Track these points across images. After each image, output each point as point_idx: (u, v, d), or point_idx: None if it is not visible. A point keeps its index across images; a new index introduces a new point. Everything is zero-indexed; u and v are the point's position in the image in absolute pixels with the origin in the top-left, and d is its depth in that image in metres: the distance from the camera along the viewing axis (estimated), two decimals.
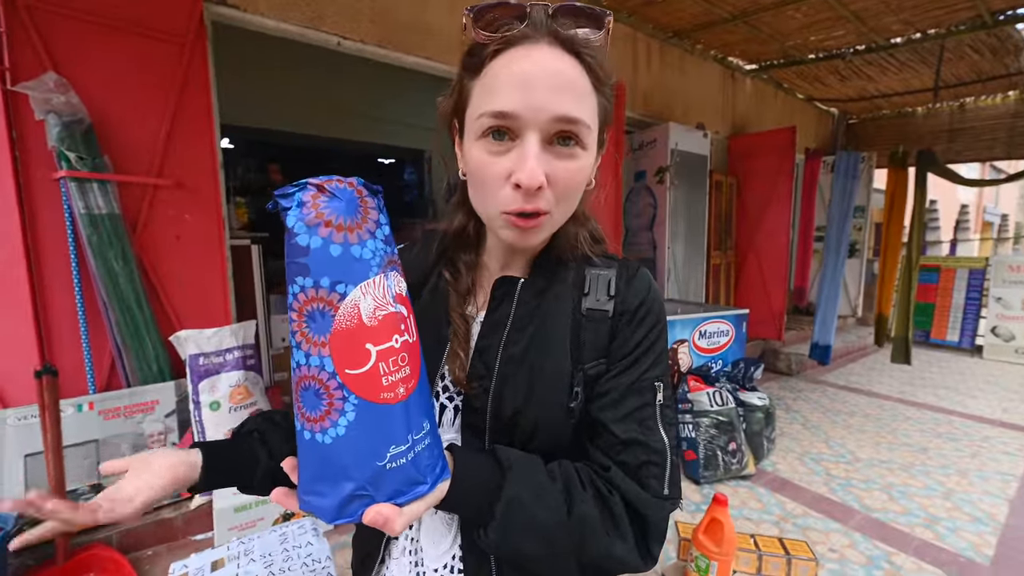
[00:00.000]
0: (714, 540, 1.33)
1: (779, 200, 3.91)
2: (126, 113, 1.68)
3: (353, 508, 0.36)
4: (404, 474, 0.36)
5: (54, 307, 1.62)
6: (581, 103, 0.42)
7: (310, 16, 2.07)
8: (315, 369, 0.34)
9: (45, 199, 1.57)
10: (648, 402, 0.49)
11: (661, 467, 0.48)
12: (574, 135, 0.43)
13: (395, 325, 0.36)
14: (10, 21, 1.46)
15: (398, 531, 0.36)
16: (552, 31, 0.42)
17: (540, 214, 0.44)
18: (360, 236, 0.35)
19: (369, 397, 0.35)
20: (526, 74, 0.41)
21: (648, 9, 3.12)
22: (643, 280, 0.53)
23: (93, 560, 1.51)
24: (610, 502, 0.46)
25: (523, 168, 0.41)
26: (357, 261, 0.35)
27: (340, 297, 0.34)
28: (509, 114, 0.41)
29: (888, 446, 2.69)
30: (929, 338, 5.32)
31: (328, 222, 0.34)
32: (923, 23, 3.29)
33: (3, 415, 1.51)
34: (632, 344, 0.50)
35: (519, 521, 0.42)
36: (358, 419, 0.35)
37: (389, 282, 0.37)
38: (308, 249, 0.33)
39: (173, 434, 1.78)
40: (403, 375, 0.36)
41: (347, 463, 0.35)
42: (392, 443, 0.35)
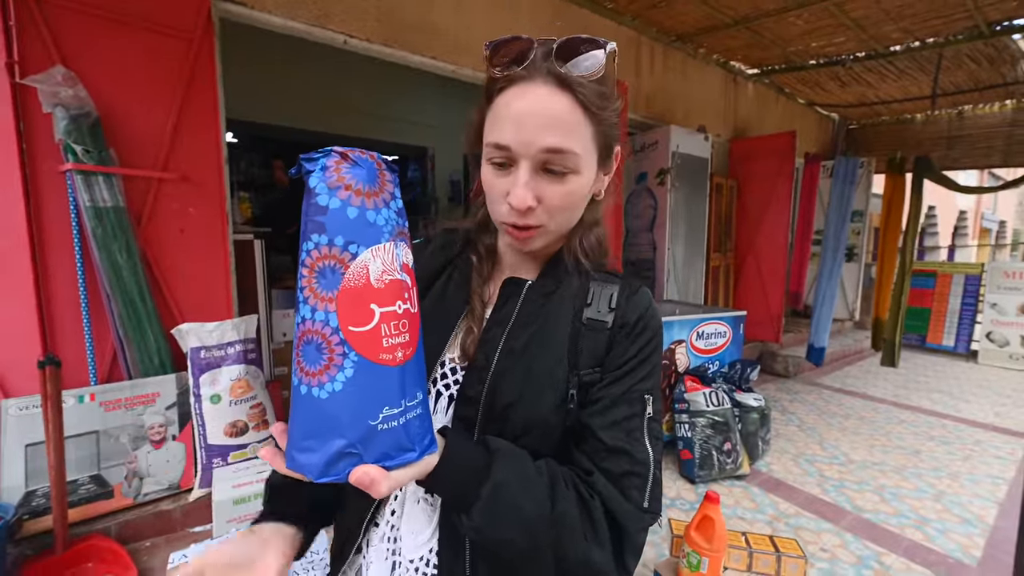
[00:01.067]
0: (705, 537, 1.35)
1: (778, 203, 3.93)
2: (133, 107, 1.69)
3: (341, 467, 0.36)
4: (394, 438, 0.37)
5: (58, 298, 1.64)
6: (569, 135, 0.47)
7: (317, 14, 2.08)
8: (319, 324, 0.36)
9: (51, 191, 1.59)
10: (636, 413, 0.51)
11: (643, 479, 0.49)
12: (562, 165, 0.48)
13: (399, 291, 0.38)
14: (20, 14, 1.47)
15: (383, 493, 0.36)
16: (549, 70, 0.46)
17: (532, 227, 0.50)
18: (376, 203, 0.37)
19: (369, 356, 0.36)
20: (519, 112, 0.47)
21: (652, 13, 3.15)
22: (644, 298, 0.56)
23: (92, 550, 1.52)
24: (590, 506, 0.47)
25: (515, 195, 0.48)
26: (371, 226, 0.37)
27: (352, 257, 0.36)
28: (504, 147, 0.48)
29: (882, 448, 2.71)
30: (925, 343, 5.36)
31: (348, 186, 0.36)
32: (922, 32, 3.32)
33: (5, 404, 1.52)
34: (627, 356, 0.52)
35: (504, 506, 0.43)
36: (356, 376, 0.36)
37: (398, 251, 0.39)
38: (327, 209, 0.36)
39: (174, 426, 1.79)
40: (402, 340, 0.38)
41: (341, 419, 0.35)
42: (386, 404, 0.36)
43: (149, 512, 1.70)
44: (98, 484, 1.65)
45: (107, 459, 1.67)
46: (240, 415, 1.86)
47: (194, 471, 1.82)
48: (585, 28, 3.03)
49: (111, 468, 1.68)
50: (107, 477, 1.67)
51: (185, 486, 1.80)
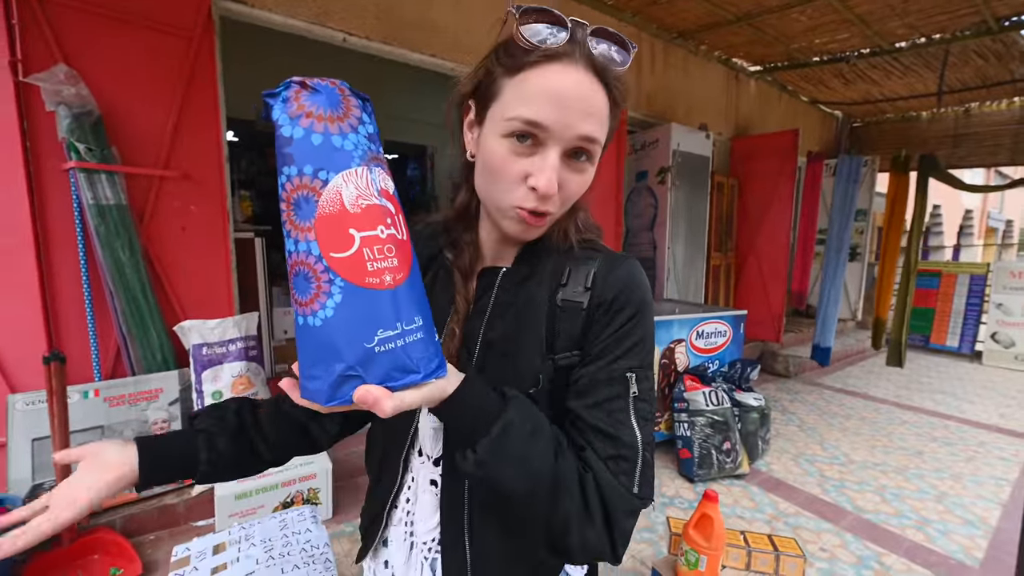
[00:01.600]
0: (704, 535, 1.35)
1: (780, 202, 3.91)
2: (134, 105, 1.71)
3: (345, 390, 0.36)
4: (395, 359, 0.37)
5: (62, 295, 1.66)
6: (601, 126, 0.47)
7: (316, 12, 2.09)
8: (303, 254, 0.36)
9: (54, 189, 1.60)
10: (619, 394, 0.48)
11: (632, 462, 0.47)
12: (588, 151, 0.47)
13: (380, 216, 0.38)
14: (23, 13, 1.49)
15: (388, 412, 0.36)
16: (589, 55, 0.45)
17: (547, 214, 0.49)
18: (341, 128, 0.37)
19: (354, 280, 0.36)
20: (563, 93, 0.44)
21: (653, 9, 3.13)
22: (624, 272, 0.52)
23: (97, 543, 1.54)
24: (584, 479, 0.46)
25: (543, 176, 0.45)
26: (338, 151, 0.37)
27: (323, 184, 0.36)
28: (541, 125, 0.45)
29: (883, 449, 2.71)
30: (928, 343, 5.32)
31: (309, 113, 0.36)
32: (928, 28, 3.29)
33: (12, 399, 1.54)
34: (605, 335, 0.50)
35: (511, 447, 0.43)
36: (345, 301, 0.36)
37: (373, 176, 0.38)
38: (291, 139, 0.36)
39: (176, 422, 1.81)
40: (390, 265, 0.38)
41: (336, 344, 0.36)
42: (380, 327, 0.37)
43: (153, 506, 1.72)
44: None
45: None
46: None
47: None
48: None
49: None
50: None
51: (188, 481, 1.82)
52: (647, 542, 1.78)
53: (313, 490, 1.80)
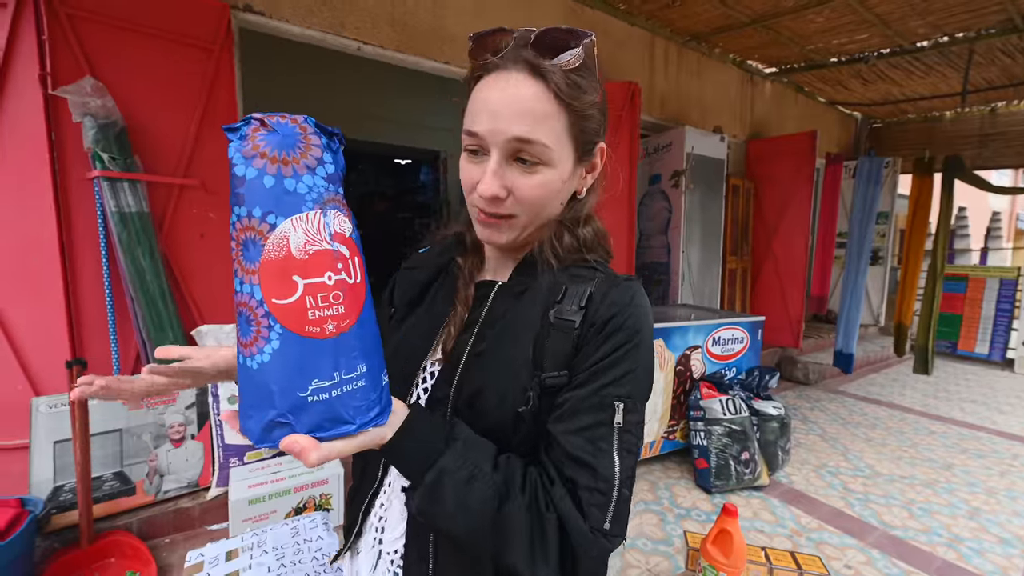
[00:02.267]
0: (723, 551, 1.31)
1: (798, 205, 3.83)
2: (157, 116, 1.75)
3: (275, 435, 0.37)
4: (328, 410, 0.37)
5: (85, 301, 1.70)
6: (539, 125, 0.46)
7: (331, 22, 2.12)
8: (246, 296, 0.36)
9: (79, 198, 1.65)
10: (603, 421, 0.46)
11: (606, 496, 0.44)
12: (531, 154, 0.47)
13: (328, 262, 0.37)
14: (52, 29, 1.54)
15: (312, 463, 0.37)
16: (523, 59, 0.46)
17: (502, 216, 0.50)
18: (296, 170, 0.36)
19: (294, 328, 0.36)
20: (490, 101, 0.47)
21: (665, 13, 3.11)
22: (622, 295, 0.50)
23: (114, 545, 1.57)
24: (544, 519, 0.44)
25: (483, 182, 0.48)
26: (289, 194, 0.36)
27: (270, 228, 0.35)
28: (475, 134, 0.48)
29: (910, 461, 2.60)
30: (956, 350, 5.14)
31: (263, 154, 0.35)
32: (951, 26, 3.20)
33: (36, 403, 1.58)
34: (595, 358, 0.47)
35: (445, 495, 0.43)
36: (282, 348, 0.36)
37: (327, 219, 0.37)
38: (244, 179, 0.35)
39: (192, 426, 1.84)
40: (334, 313, 0.37)
41: (270, 389, 0.36)
42: (315, 376, 0.36)
43: (169, 509, 1.74)
44: (121, 481, 1.70)
45: (130, 456, 1.72)
46: None
47: (211, 470, 1.85)
48: (599, 30, 3.00)
49: (133, 465, 1.72)
50: (130, 474, 1.72)
51: (203, 484, 1.84)
52: (663, 555, 1.73)
53: (325, 496, 1.80)
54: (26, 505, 1.45)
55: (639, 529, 1.90)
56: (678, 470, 2.41)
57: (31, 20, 1.51)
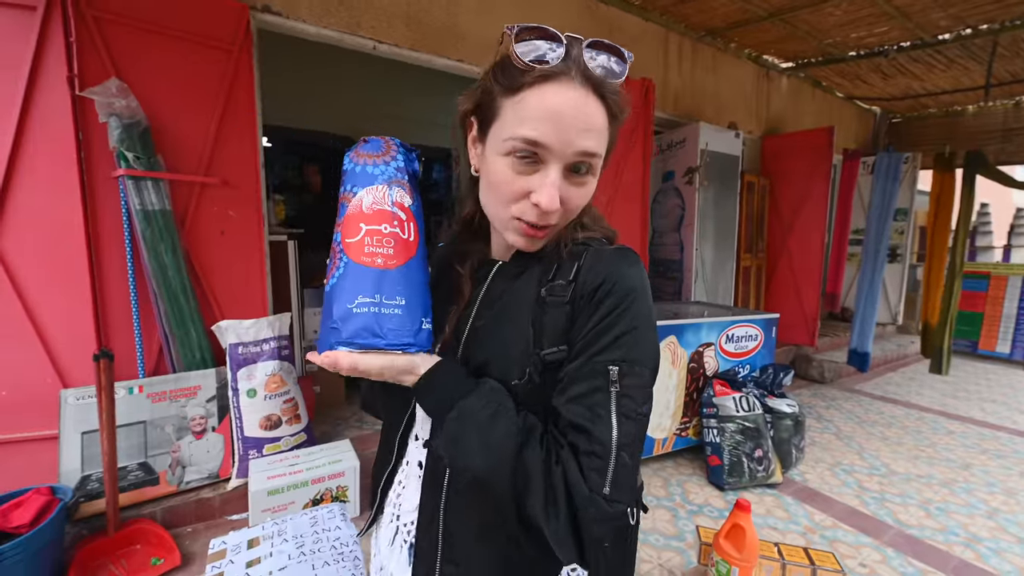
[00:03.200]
0: (736, 546, 1.32)
1: (814, 202, 3.78)
2: (179, 115, 1.79)
3: (328, 340, 0.48)
4: (365, 322, 0.47)
5: (110, 296, 1.75)
6: (600, 140, 0.48)
7: (347, 22, 2.15)
8: (335, 242, 0.51)
9: (105, 196, 1.70)
10: (598, 387, 0.46)
11: (603, 460, 0.44)
12: (588, 165, 0.49)
13: (387, 218, 0.51)
14: (80, 32, 1.58)
15: (345, 368, 0.46)
16: (585, 71, 0.46)
17: (548, 227, 0.51)
18: (375, 162, 0.54)
19: (354, 258, 0.49)
20: (560, 112, 0.45)
21: (681, 7, 3.08)
22: (610, 261, 0.50)
23: (139, 533, 1.62)
24: (552, 472, 0.45)
25: (545, 193, 0.47)
26: (368, 175, 0.53)
27: (353, 195, 0.52)
28: (541, 143, 0.46)
29: (927, 460, 2.57)
30: (977, 349, 5.02)
31: (359, 154, 0.54)
32: (974, 18, 3.12)
33: (65, 394, 1.63)
34: (588, 327, 0.48)
35: (469, 429, 0.46)
36: (344, 273, 0.49)
37: (391, 192, 0.52)
38: (346, 171, 0.54)
39: (213, 419, 1.89)
40: (384, 252, 0.49)
41: (332, 304, 0.48)
42: (360, 293, 0.48)
43: (191, 499, 1.79)
44: (145, 471, 1.75)
45: (154, 448, 1.77)
46: (274, 409, 1.93)
47: (232, 461, 1.90)
48: (613, 26, 2.99)
49: (157, 456, 1.78)
50: (153, 464, 1.77)
51: (224, 475, 1.89)
52: (675, 551, 1.74)
53: (342, 488, 1.84)
54: (56, 493, 1.51)
55: (651, 524, 1.90)
56: (690, 467, 2.40)
57: (59, 23, 1.55)
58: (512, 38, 0.45)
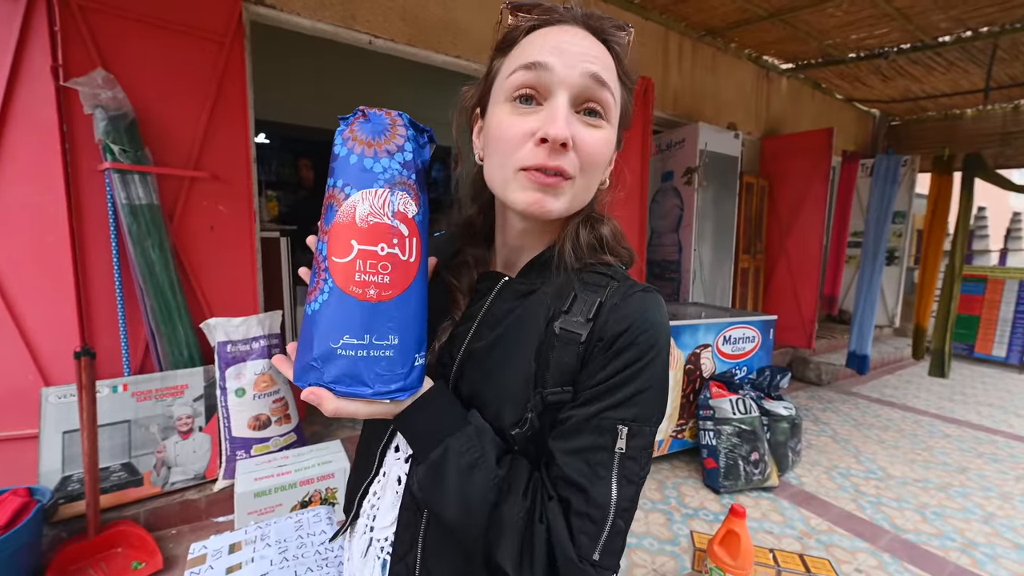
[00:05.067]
0: (730, 553, 1.29)
1: (813, 204, 3.76)
2: (167, 108, 1.75)
3: (307, 377, 0.40)
4: (352, 367, 0.40)
5: (95, 292, 1.71)
6: (610, 76, 0.44)
7: (343, 15, 2.11)
8: (318, 252, 0.42)
9: (90, 189, 1.66)
10: (603, 445, 0.42)
11: (598, 525, 0.41)
12: (601, 105, 0.44)
13: (385, 235, 0.41)
14: (64, 21, 1.54)
15: (329, 412, 0.39)
16: (584, 17, 0.45)
17: (562, 175, 0.43)
18: (376, 152, 0.41)
19: (341, 285, 0.40)
20: (561, 41, 0.43)
21: (681, 7, 3.06)
22: (636, 307, 0.45)
23: (121, 536, 1.58)
24: (535, 530, 0.42)
25: (552, 123, 0.41)
26: (365, 171, 0.41)
27: (345, 197, 0.41)
28: (543, 64, 0.42)
29: (923, 464, 2.55)
30: (973, 352, 5.03)
31: (354, 137, 0.41)
32: (974, 20, 3.11)
33: (46, 393, 1.59)
34: (602, 376, 0.44)
35: (446, 477, 0.42)
36: (328, 300, 0.40)
37: (393, 198, 0.41)
38: (337, 156, 0.42)
39: (200, 418, 1.85)
40: (379, 281, 0.40)
41: (313, 335, 0.40)
42: (346, 332, 0.39)
43: (176, 501, 1.75)
44: (129, 472, 1.71)
45: (138, 448, 1.73)
46: (263, 409, 1.90)
47: (219, 462, 1.86)
48: None
49: (141, 457, 1.74)
50: (137, 465, 1.73)
51: (210, 476, 1.85)
52: (669, 555, 1.71)
53: (331, 490, 1.80)
54: (34, 494, 1.47)
55: (646, 528, 1.88)
56: (686, 469, 2.38)
57: (43, 12, 1.51)
58: (509, 8, 0.46)
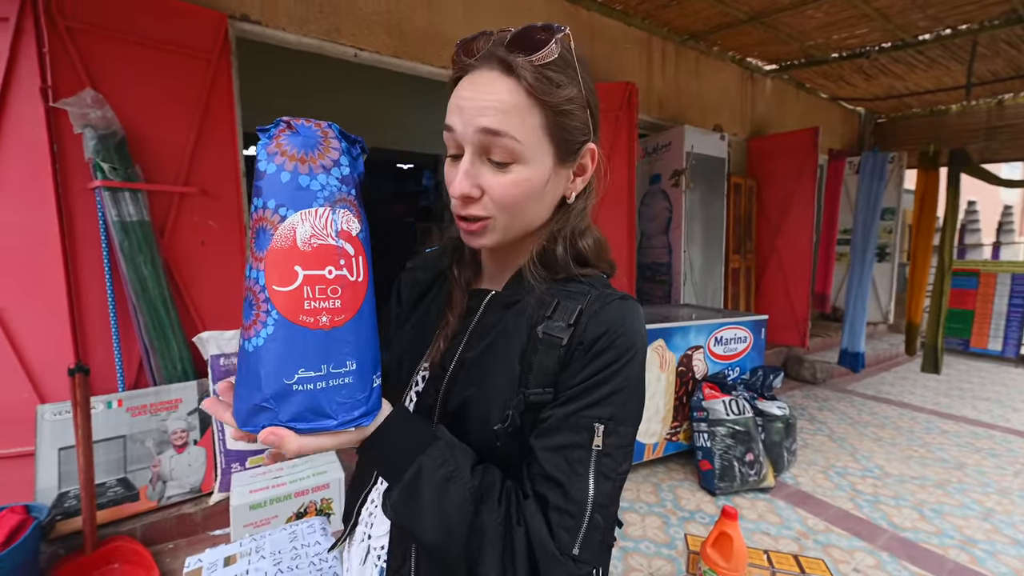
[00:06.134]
0: (723, 555, 1.30)
1: (801, 202, 3.80)
2: (156, 125, 1.77)
3: (258, 420, 0.37)
4: (311, 401, 0.37)
5: (88, 309, 1.72)
6: (507, 118, 0.45)
7: (327, 29, 2.14)
8: (252, 281, 0.38)
9: (81, 207, 1.67)
10: (580, 443, 0.44)
11: (575, 520, 0.43)
12: (503, 150, 0.46)
13: (331, 257, 0.38)
14: (53, 42, 1.57)
15: (292, 452, 0.37)
16: (496, 57, 0.46)
17: (479, 220, 0.48)
18: (312, 169, 0.38)
19: (289, 316, 0.37)
20: (462, 98, 0.46)
21: (663, 12, 3.11)
22: (614, 312, 0.48)
23: (118, 552, 1.58)
24: (514, 533, 0.43)
25: (455, 181, 0.47)
26: (302, 190, 0.38)
27: (281, 219, 0.37)
28: (449, 127, 0.47)
29: (920, 461, 2.55)
30: (968, 347, 5.04)
31: (283, 152, 0.38)
32: (953, 19, 3.16)
33: (41, 410, 1.60)
34: (580, 377, 0.46)
35: (420, 494, 0.42)
36: (275, 334, 0.37)
37: (335, 217, 0.39)
38: (264, 174, 0.38)
39: (195, 432, 1.85)
40: (330, 306, 0.38)
41: (260, 373, 0.37)
42: (302, 366, 0.37)
43: (172, 515, 1.75)
44: (125, 487, 1.71)
45: (133, 463, 1.73)
46: None
47: (214, 475, 1.86)
48: (595, 30, 3.01)
49: (137, 471, 1.74)
50: (133, 480, 1.73)
51: (206, 490, 1.85)
52: (666, 559, 1.71)
53: (326, 500, 1.80)
54: (31, 512, 1.47)
55: (642, 531, 1.88)
56: (681, 472, 2.38)
57: (32, 34, 1.54)
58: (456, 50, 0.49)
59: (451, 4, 2.46)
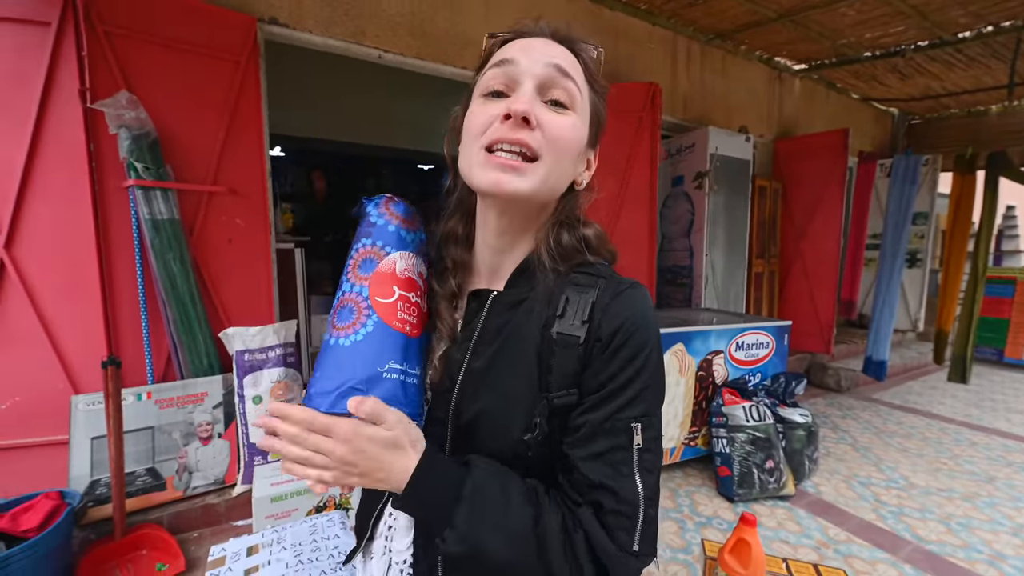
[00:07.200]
0: (740, 561, 1.28)
1: (829, 206, 3.69)
2: (186, 126, 1.82)
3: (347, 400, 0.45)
4: (393, 389, 0.46)
5: (120, 304, 1.78)
6: (573, 69, 0.48)
7: (352, 32, 2.17)
8: (355, 294, 0.50)
9: (115, 205, 1.73)
10: (622, 445, 0.45)
11: (632, 519, 0.44)
12: (566, 93, 0.47)
13: (415, 286, 0.52)
14: (91, 45, 1.62)
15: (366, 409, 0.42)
16: (556, 34, 0.49)
17: (526, 156, 0.45)
18: (409, 227, 0.55)
19: (386, 320, 0.48)
20: (528, 44, 0.48)
21: (689, 11, 3.05)
22: (625, 303, 0.47)
23: (145, 539, 1.63)
24: (573, 538, 0.43)
25: (515, 101, 0.45)
26: (402, 239, 0.54)
27: (385, 254, 0.52)
28: (510, 60, 0.46)
29: (948, 473, 2.47)
30: (1003, 357, 4.84)
31: (392, 213, 0.55)
32: (995, 15, 3.02)
33: (75, 400, 1.67)
34: (605, 377, 0.46)
35: (487, 510, 0.41)
36: (374, 332, 0.48)
37: (418, 261, 0.55)
38: (375, 224, 0.54)
39: (219, 424, 1.90)
40: (411, 320, 0.50)
41: (356, 362, 0.46)
42: (391, 358, 0.47)
43: (197, 505, 1.81)
44: (153, 476, 1.78)
45: (161, 453, 1.79)
46: None
47: (237, 468, 1.92)
48: (619, 30, 2.97)
49: (164, 462, 1.80)
50: (161, 470, 1.79)
51: (229, 481, 1.90)
52: (682, 564, 1.69)
53: (345, 495, 1.84)
54: (65, 498, 1.53)
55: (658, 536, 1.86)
56: (699, 477, 2.35)
57: (72, 38, 1.59)
58: (488, 37, 0.52)
59: (472, 4, 2.47)
